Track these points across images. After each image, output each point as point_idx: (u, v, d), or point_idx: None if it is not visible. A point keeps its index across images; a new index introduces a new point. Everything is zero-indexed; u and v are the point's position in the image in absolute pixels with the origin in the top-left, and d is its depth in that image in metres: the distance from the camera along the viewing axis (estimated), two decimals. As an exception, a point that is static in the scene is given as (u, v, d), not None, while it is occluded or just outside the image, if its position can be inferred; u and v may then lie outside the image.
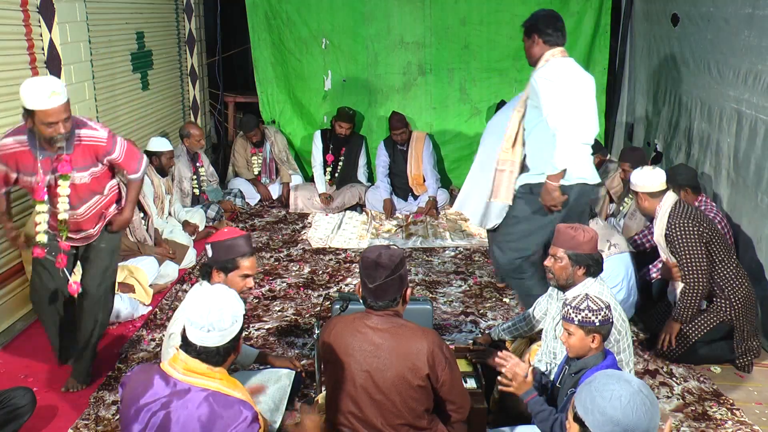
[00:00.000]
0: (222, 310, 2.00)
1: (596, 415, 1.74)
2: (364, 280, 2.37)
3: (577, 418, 1.79)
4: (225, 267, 2.71)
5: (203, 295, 2.05)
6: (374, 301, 2.37)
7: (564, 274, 2.87)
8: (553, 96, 3.42)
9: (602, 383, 1.79)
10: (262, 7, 6.74)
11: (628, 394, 1.75)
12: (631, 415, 1.72)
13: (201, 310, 2.00)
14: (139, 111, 5.69)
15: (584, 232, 2.85)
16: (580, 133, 3.44)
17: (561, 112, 3.41)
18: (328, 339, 2.42)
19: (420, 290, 4.66)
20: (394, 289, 2.37)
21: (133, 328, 4.08)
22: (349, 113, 6.39)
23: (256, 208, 6.49)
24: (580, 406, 1.79)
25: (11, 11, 3.91)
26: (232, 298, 2.06)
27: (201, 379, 1.99)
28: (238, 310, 2.06)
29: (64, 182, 3.08)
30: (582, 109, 3.45)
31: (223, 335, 2.00)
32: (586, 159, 3.59)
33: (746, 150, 4.22)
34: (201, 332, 1.98)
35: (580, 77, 3.52)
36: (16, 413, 2.88)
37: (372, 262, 2.36)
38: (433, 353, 2.30)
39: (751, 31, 4.17)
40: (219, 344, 2.00)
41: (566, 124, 3.39)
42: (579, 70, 3.55)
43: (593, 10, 6.53)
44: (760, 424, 3.23)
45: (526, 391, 2.56)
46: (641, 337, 4.01)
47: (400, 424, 2.33)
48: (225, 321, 2.00)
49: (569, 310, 2.47)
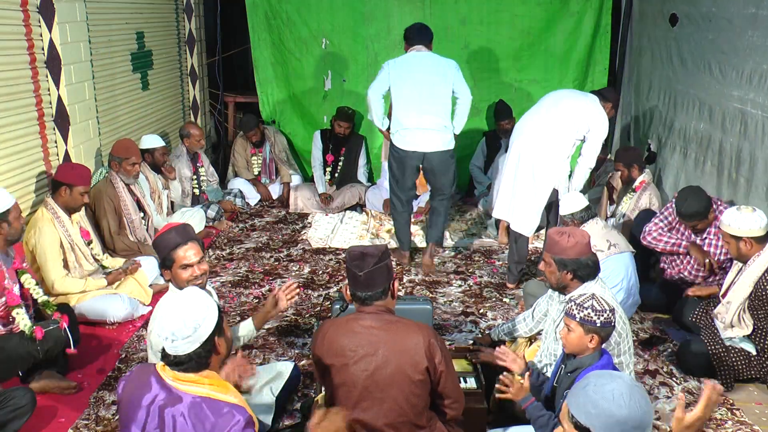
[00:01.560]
0: (183, 318, 1.95)
1: (602, 418, 1.71)
2: (353, 272, 2.38)
3: (580, 426, 1.74)
4: (164, 264, 2.69)
5: (165, 304, 2.02)
6: (364, 291, 2.39)
7: (554, 278, 2.91)
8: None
9: (598, 385, 1.76)
10: (262, 7, 6.74)
11: (627, 389, 1.73)
12: (637, 410, 1.70)
13: (161, 321, 1.97)
14: (139, 111, 5.70)
15: (569, 237, 2.85)
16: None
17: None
18: (322, 346, 2.40)
19: (420, 290, 4.66)
20: (382, 278, 2.40)
21: (133, 328, 4.08)
22: (348, 112, 6.39)
23: (256, 208, 6.49)
24: (580, 413, 1.74)
25: (11, 11, 3.91)
26: (191, 304, 1.99)
27: (190, 385, 1.97)
28: (200, 313, 1.98)
29: (26, 275, 3.29)
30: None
31: (190, 342, 1.95)
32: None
33: (752, 150, 4.21)
34: (167, 342, 1.95)
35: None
36: (16, 413, 2.88)
37: (358, 254, 2.41)
38: (430, 345, 2.31)
39: (756, 31, 4.16)
40: (189, 351, 1.96)
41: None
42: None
43: (593, 10, 6.53)
44: (760, 424, 3.23)
45: (524, 398, 2.56)
46: (641, 337, 4.01)
47: (402, 422, 2.33)
48: (186, 328, 1.94)
49: (572, 306, 2.47)
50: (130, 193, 4.67)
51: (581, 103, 4.41)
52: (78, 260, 4.06)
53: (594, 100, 4.46)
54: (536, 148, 4.37)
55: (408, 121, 4.65)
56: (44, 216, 3.90)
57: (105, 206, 4.47)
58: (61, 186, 3.94)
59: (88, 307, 3.97)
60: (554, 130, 4.35)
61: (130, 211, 4.61)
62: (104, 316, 4.02)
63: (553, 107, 4.41)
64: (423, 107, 4.61)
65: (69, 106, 4.37)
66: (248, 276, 4.86)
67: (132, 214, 4.63)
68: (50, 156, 4.33)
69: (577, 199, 3.98)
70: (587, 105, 4.40)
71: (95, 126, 4.77)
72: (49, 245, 3.85)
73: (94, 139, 4.77)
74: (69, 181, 3.94)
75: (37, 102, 4.17)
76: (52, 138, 4.34)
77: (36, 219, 3.92)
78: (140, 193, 4.79)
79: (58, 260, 3.90)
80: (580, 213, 3.93)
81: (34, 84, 4.14)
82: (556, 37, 6.63)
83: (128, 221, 4.61)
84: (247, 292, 4.58)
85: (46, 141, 4.27)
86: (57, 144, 4.38)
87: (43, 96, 4.23)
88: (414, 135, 4.66)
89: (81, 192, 3.99)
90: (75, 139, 4.46)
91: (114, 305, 4.04)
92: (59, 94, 4.31)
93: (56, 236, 3.89)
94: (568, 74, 6.63)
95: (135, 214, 4.66)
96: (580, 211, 3.93)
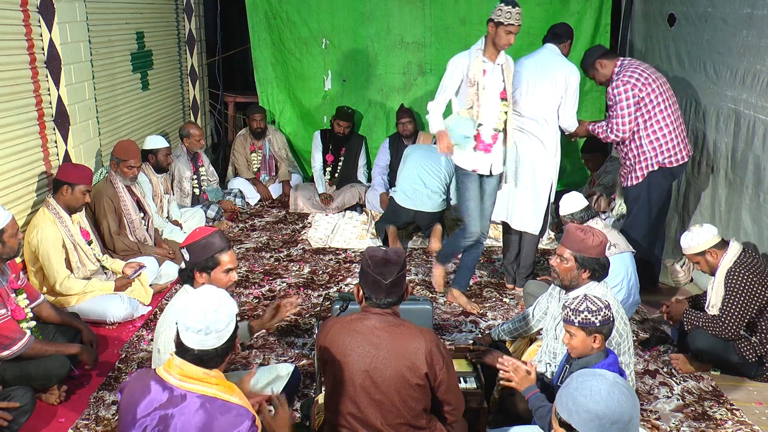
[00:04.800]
0: (218, 311, 1.98)
1: (581, 414, 1.76)
2: (377, 278, 2.36)
3: (563, 423, 1.80)
4: (206, 266, 2.68)
5: (194, 298, 2.02)
6: (386, 298, 2.38)
7: (568, 276, 2.87)
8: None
9: (579, 382, 1.82)
10: (262, 7, 6.74)
11: (606, 386, 1.77)
12: (614, 406, 1.74)
13: (196, 314, 1.97)
14: (139, 111, 5.70)
15: (594, 235, 2.84)
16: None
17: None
18: (325, 341, 2.42)
19: (420, 290, 4.67)
20: (402, 284, 2.42)
21: (133, 328, 4.08)
22: (347, 112, 6.39)
23: (256, 208, 6.49)
24: (562, 410, 1.81)
25: (11, 11, 3.90)
26: (224, 298, 2.05)
27: (197, 384, 1.97)
28: (233, 308, 2.04)
29: (21, 295, 3.31)
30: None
31: (221, 336, 1.99)
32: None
33: (744, 150, 4.22)
34: (198, 336, 1.96)
35: None
36: (16, 413, 2.88)
37: (381, 260, 2.38)
38: (431, 352, 2.31)
39: (750, 31, 4.16)
40: (217, 345, 1.99)
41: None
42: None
43: (593, 10, 6.53)
44: (760, 424, 3.23)
45: (528, 387, 2.57)
46: (641, 337, 4.01)
47: (400, 424, 2.33)
48: (222, 321, 1.98)
49: (569, 313, 2.47)
50: (130, 193, 4.67)
51: (546, 75, 4.23)
52: (81, 260, 4.06)
53: (552, 59, 4.28)
54: (529, 140, 4.31)
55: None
56: (46, 216, 3.90)
57: (105, 206, 4.47)
58: (63, 185, 3.94)
59: (88, 307, 3.97)
60: (537, 112, 4.26)
61: (130, 211, 4.61)
62: (104, 316, 4.02)
63: (528, 93, 4.27)
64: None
65: (69, 106, 4.36)
66: (248, 276, 4.86)
67: (132, 215, 4.62)
68: (50, 156, 4.33)
69: (577, 199, 3.97)
70: (552, 71, 4.22)
71: (95, 126, 4.77)
72: (52, 245, 3.86)
73: (94, 139, 4.76)
74: (70, 180, 3.95)
75: (37, 102, 4.17)
76: (52, 138, 4.34)
77: (38, 219, 3.92)
78: (140, 194, 4.79)
79: (60, 260, 3.90)
80: (579, 213, 3.93)
81: (34, 84, 4.14)
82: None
83: (128, 221, 4.60)
84: (247, 292, 4.58)
85: (46, 141, 4.27)
86: (57, 144, 4.38)
87: (43, 96, 4.23)
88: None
89: (82, 191, 3.99)
90: (75, 139, 4.46)
91: (114, 305, 4.04)
92: (59, 94, 4.31)
93: (58, 236, 3.90)
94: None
95: (135, 214, 4.65)
96: (580, 211, 3.93)
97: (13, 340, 3.05)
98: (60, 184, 3.96)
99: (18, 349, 3.06)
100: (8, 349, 3.04)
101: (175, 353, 2.01)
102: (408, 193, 5.30)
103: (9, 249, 3.13)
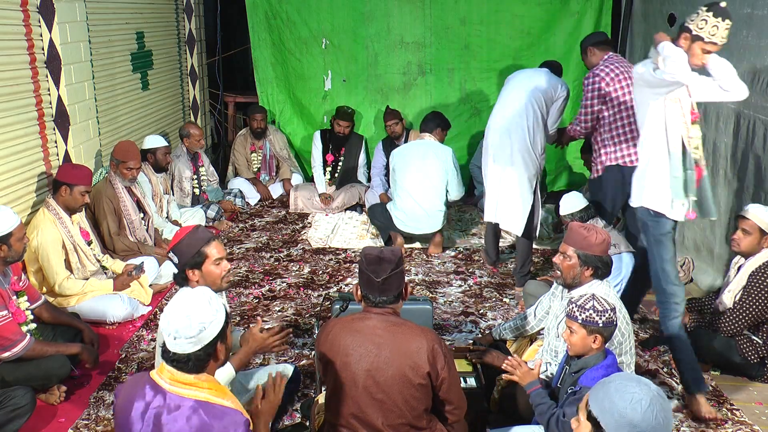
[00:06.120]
0: (189, 317, 1.92)
1: (614, 416, 1.72)
2: (370, 276, 2.37)
3: (592, 418, 1.77)
4: (195, 263, 2.67)
5: (173, 301, 2.00)
6: (380, 296, 2.39)
7: (571, 273, 2.88)
8: None
9: (622, 385, 1.76)
10: (262, 7, 6.74)
11: (648, 398, 1.72)
12: (651, 419, 1.70)
13: (170, 317, 1.95)
14: (139, 111, 5.70)
15: (597, 233, 2.84)
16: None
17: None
18: (326, 341, 2.41)
19: (420, 290, 4.66)
20: (397, 283, 2.40)
21: (133, 328, 4.08)
22: (347, 112, 6.39)
23: (256, 208, 6.49)
24: (596, 406, 1.76)
25: (11, 11, 3.90)
26: (202, 305, 1.96)
27: (189, 389, 1.94)
28: (208, 316, 1.95)
29: (22, 297, 3.32)
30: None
31: (193, 342, 1.92)
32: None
33: (744, 150, 4.22)
34: (169, 339, 1.93)
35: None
36: (16, 413, 2.89)
37: (375, 258, 2.39)
38: (434, 350, 2.31)
39: (750, 31, 4.16)
40: (190, 351, 1.93)
41: None
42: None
43: (593, 10, 6.54)
44: (760, 424, 3.23)
45: (531, 382, 2.57)
46: (641, 337, 4.01)
47: (401, 424, 2.33)
48: (192, 328, 1.91)
49: (574, 308, 2.47)
50: (130, 193, 4.67)
51: (534, 81, 4.43)
52: (81, 261, 4.06)
53: (546, 72, 4.50)
54: (508, 139, 4.35)
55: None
56: (45, 216, 3.90)
57: (104, 207, 4.47)
58: (62, 186, 3.94)
59: (87, 308, 3.97)
60: (521, 116, 4.34)
61: (129, 211, 4.61)
62: (104, 316, 4.02)
63: (514, 98, 4.41)
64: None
65: (69, 106, 4.36)
66: (248, 276, 4.86)
67: (132, 215, 4.62)
68: (50, 156, 4.33)
69: (577, 199, 3.98)
70: (540, 80, 4.42)
71: (95, 126, 4.77)
72: (52, 246, 3.86)
73: (94, 139, 4.76)
74: (70, 181, 3.94)
75: (37, 102, 4.17)
76: (52, 138, 4.34)
77: (37, 220, 3.91)
78: (140, 194, 4.79)
79: (60, 261, 3.90)
80: (579, 213, 3.93)
81: (34, 84, 4.14)
82: (556, 37, 6.64)
83: (128, 222, 4.60)
84: (247, 292, 4.58)
85: (46, 141, 4.27)
86: (57, 144, 4.38)
87: (43, 96, 4.23)
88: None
89: (81, 192, 3.99)
90: (75, 139, 4.46)
91: (114, 305, 4.04)
92: (59, 94, 4.31)
93: (58, 237, 3.90)
94: (568, 74, 6.61)
95: (135, 214, 4.65)
96: (580, 211, 3.93)
97: (14, 341, 3.05)
98: (59, 185, 3.95)
99: (19, 351, 3.06)
100: (9, 350, 3.04)
101: (161, 355, 2.00)
102: (405, 221, 5.26)
103: (14, 252, 3.14)
